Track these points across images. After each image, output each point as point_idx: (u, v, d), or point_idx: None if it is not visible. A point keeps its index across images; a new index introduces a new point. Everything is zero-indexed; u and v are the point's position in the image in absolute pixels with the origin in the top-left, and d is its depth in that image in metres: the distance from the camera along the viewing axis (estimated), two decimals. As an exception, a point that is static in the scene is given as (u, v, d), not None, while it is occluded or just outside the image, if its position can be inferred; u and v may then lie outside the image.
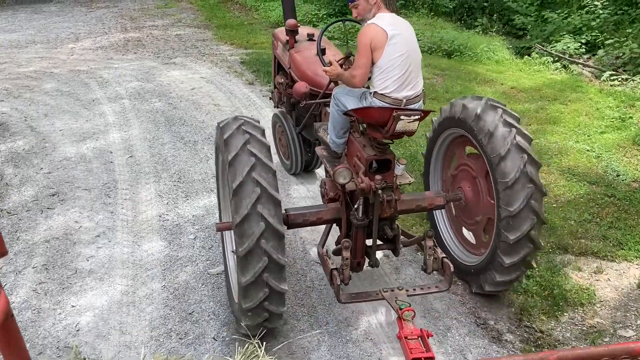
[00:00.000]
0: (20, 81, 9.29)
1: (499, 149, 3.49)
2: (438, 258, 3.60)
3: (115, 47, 12.43)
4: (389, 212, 3.55)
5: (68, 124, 7.33)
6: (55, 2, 20.12)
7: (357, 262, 3.74)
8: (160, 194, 5.58)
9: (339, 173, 3.42)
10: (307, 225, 3.83)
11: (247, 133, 3.23)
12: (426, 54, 11.38)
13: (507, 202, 3.49)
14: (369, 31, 3.39)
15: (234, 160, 3.11)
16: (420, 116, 3.35)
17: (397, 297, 3.37)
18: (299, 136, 5.32)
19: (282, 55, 5.40)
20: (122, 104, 8.07)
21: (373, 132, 3.54)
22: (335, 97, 3.82)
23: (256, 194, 3.03)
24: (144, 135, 6.96)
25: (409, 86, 3.46)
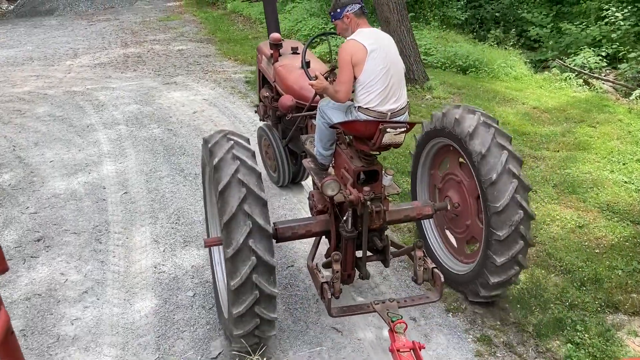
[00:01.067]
0: (12, 104, 8.78)
1: (480, 149, 3.55)
2: (428, 268, 3.57)
3: (114, 64, 11.94)
4: (378, 223, 3.54)
5: (59, 154, 6.80)
6: (56, 16, 19.72)
7: (348, 275, 3.73)
8: (157, 239, 5.02)
9: (327, 185, 3.38)
10: (296, 238, 3.82)
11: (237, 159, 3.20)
12: (439, 70, 10.83)
13: (493, 199, 3.52)
14: (349, 47, 3.43)
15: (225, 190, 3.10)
16: (406, 128, 3.38)
17: (388, 310, 3.36)
18: (285, 149, 5.34)
19: (267, 69, 5.46)
20: (119, 130, 7.54)
21: (360, 144, 3.55)
22: (321, 110, 3.86)
23: (248, 227, 3.04)
24: (141, 167, 6.42)
25: (393, 99, 3.49)
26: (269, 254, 3.09)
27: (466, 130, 3.63)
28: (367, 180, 3.61)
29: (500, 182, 3.51)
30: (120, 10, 20.21)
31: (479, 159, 3.55)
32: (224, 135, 3.36)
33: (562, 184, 5.96)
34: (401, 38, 8.74)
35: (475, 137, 3.59)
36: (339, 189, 3.44)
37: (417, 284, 3.67)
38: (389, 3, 8.61)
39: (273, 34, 5.14)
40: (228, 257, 3.04)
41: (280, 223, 3.73)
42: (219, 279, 3.91)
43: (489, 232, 3.61)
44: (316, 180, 4.02)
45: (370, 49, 3.39)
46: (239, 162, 3.15)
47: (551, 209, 5.48)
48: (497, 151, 3.54)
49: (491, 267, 3.68)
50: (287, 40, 5.56)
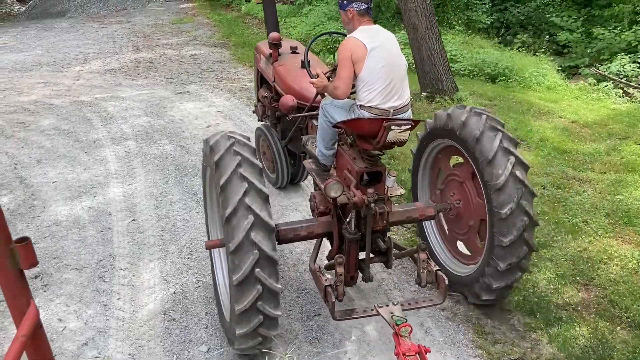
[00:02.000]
0: (17, 115, 8.31)
1: (486, 154, 3.50)
2: (432, 271, 3.56)
3: (124, 70, 11.46)
4: (381, 224, 3.50)
5: (63, 174, 6.30)
6: (67, 18, 19.33)
7: (351, 277, 3.67)
8: (167, 278, 4.49)
9: (331, 187, 3.33)
10: (299, 240, 3.77)
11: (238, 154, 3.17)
12: (467, 78, 10.23)
13: (499, 206, 3.48)
14: (348, 45, 3.44)
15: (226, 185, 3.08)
16: (410, 125, 3.34)
17: (392, 313, 3.32)
18: (284, 149, 5.26)
19: (266, 69, 5.38)
20: (127, 146, 7.03)
21: (363, 143, 3.51)
22: (324, 109, 3.83)
23: (250, 220, 3.00)
24: (150, 190, 5.89)
25: (395, 97, 3.49)
26: (271, 247, 3.04)
27: (472, 134, 3.58)
28: (370, 182, 3.57)
29: (507, 188, 3.46)
30: (132, 13, 19.77)
31: (485, 164, 3.51)
32: (224, 133, 3.35)
33: (615, 213, 5.36)
34: (429, 46, 8.15)
35: (482, 141, 3.55)
36: (342, 190, 3.38)
37: (421, 287, 3.70)
38: (417, 8, 8.03)
39: (272, 34, 5.09)
40: (230, 252, 2.99)
41: (283, 225, 3.69)
42: (220, 282, 3.87)
43: (493, 237, 3.57)
44: (318, 182, 3.94)
45: (370, 47, 3.39)
46: (240, 158, 3.13)
47: (607, 243, 4.88)
48: (504, 156, 3.50)
49: (494, 271, 3.66)
50: (286, 40, 5.47)
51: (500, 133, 3.58)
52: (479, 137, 3.56)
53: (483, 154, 3.53)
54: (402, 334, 3.14)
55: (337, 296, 3.41)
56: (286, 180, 5.50)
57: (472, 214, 3.93)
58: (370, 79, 3.42)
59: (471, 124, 3.63)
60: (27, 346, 1.37)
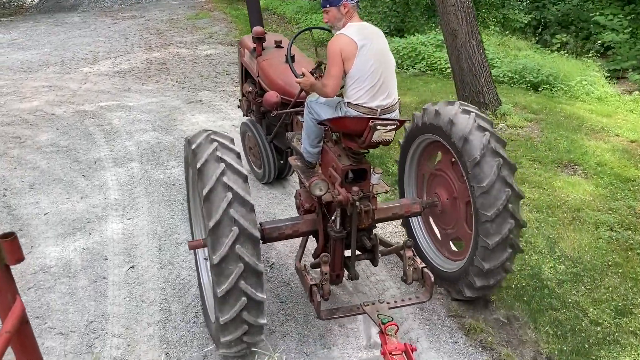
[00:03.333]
0: (13, 128, 7.58)
1: (474, 154, 3.45)
2: (418, 268, 3.55)
3: (135, 72, 10.71)
4: (367, 222, 3.47)
5: (57, 204, 5.55)
6: (79, 12, 18.65)
7: (336, 275, 3.65)
8: (168, 350, 3.71)
9: (315, 185, 3.32)
10: (283, 238, 3.72)
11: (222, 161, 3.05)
12: (506, 86, 9.29)
13: (484, 207, 3.44)
14: (339, 41, 3.39)
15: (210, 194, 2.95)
16: (396, 125, 3.32)
17: (378, 311, 3.31)
18: (270, 145, 5.20)
19: (250, 63, 5.28)
20: (131, 169, 6.26)
21: (348, 142, 3.48)
22: (309, 106, 3.78)
23: (234, 233, 2.90)
24: (154, 226, 5.12)
25: (382, 95, 3.45)
26: (256, 259, 2.97)
27: (460, 133, 3.52)
28: (355, 179, 3.54)
29: (493, 190, 3.42)
30: (146, 6, 19.02)
31: (472, 164, 3.46)
32: (207, 135, 3.22)
33: None
34: (470, 54, 7.25)
35: (470, 141, 3.49)
36: (327, 188, 3.36)
37: (407, 284, 3.68)
38: (458, 12, 7.12)
39: (256, 28, 5.01)
40: (214, 264, 2.91)
41: (267, 223, 3.64)
42: (205, 281, 3.83)
43: (478, 238, 3.53)
44: (303, 179, 3.86)
45: (360, 44, 3.33)
46: (224, 165, 3.01)
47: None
48: (491, 158, 3.45)
49: (478, 271, 3.64)
50: (271, 34, 5.39)
51: (488, 133, 3.51)
52: (466, 137, 3.50)
53: (470, 154, 3.47)
54: (389, 332, 3.11)
55: (323, 295, 3.38)
56: (273, 176, 5.47)
57: (459, 205, 3.87)
58: (360, 76, 3.36)
59: (459, 122, 3.56)
60: (13, 342, 1.35)
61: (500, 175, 3.43)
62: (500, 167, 3.44)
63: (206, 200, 2.93)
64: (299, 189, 4.00)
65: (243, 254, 2.92)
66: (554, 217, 5.28)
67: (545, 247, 4.79)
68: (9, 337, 1.33)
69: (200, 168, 3.01)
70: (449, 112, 3.64)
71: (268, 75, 4.81)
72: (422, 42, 10.70)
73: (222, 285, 2.92)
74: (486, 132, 3.52)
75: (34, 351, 1.49)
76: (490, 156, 3.45)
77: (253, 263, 2.95)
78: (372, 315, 3.31)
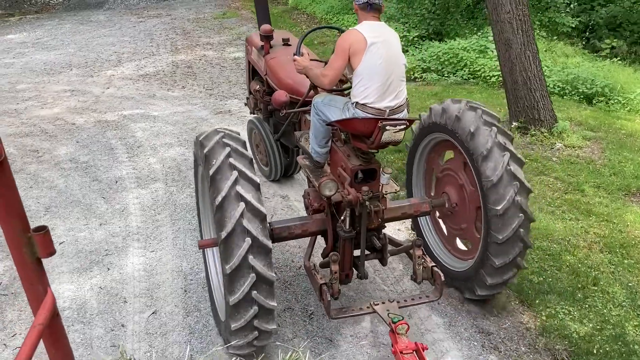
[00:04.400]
0: (31, 140, 7.14)
1: (481, 149, 3.45)
2: (427, 267, 3.55)
3: (160, 76, 10.25)
4: (376, 222, 3.47)
5: (73, 231, 5.07)
6: (105, 10, 18.32)
7: (346, 275, 3.64)
8: None
9: (325, 185, 3.32)
10: (293, 238, 3.71)
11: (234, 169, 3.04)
12: (557, 98, 8.58)
13: (494, 202, 3.43)
14: (349, 36, 3.36)
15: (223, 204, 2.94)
16: (405, 125, 3.30)
17: (388, 310, 3.31)
18: (277, 142, 5.18)
19: (258, 61, 5.23)
20: (155, 190, 5.75)
21: (357, 142, 3.46)
22: (316, 107, 3.74)
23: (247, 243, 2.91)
24: (179, 261, 4.60)
25: (391, 96, 3.40)
26: (268, 269, 2.97)
27: (467, 129, 3.53)
28: (365, 179, 3.53)
29: (501, 184, 3.42)
30: (173, 4, 18.60)
31: (480, 159, 3.46)
32: (214, 129, 3.28)
33: None
34: (525, 66, 6.59)
35: (477, 136, 3.49)
36: (336, 189, 3.36)
37: (417, 283, 3.65)
38: (513, 20, 6.47)
39: (264, 26, 4.94)
40: (222, 240, 2.92)
41: (276, 223, 3.63)
42: (214, 281, 3.84)
43: (489, 234, 3.52)
44: (312, 179, 3.84)
45: (370, 41, 3.29)
46: (230, 148, 3.03)
47: None
48: (499, 152, 3.45)
49: (489, 268, 3.62)
50: (278, 31, 5.32)
51: (495, 128, 3.51)
52: (473, 132, 3.49)
53: (477, 150, 3.47)
54: (399, 331, 3.09)
55: (333, 294, 3.37)
56: (279, 174, 5.48)
57: (467, 205, 3.85)
58: (368, 74, 3.31)
59: (465, 118, 3.57)
60: (45, 335, 1.34)
61: (508, 169, 3.42)
62: (508, 161, 3.43)
63: (213, 180, 2.95)
64: (308, 189, 3.97)
65: (255, 264, 2.92)
66: (630, 259, 4.64)
67: (626, 299, 4.15)
68: (41, 330, 1.32)
69: (207, 153, 3.04)
70: (455, 110, 3.65)
71: (276, 73, 4.75)
72: (464, 47, 10.03)
73: (235, 295, 2.94)
74: (493, 127, 3.52)
75: (64, 344, 1.47)
76: (497, 150, 3.45)
77: (265, 273, 2.96)
78: (382, 314, 3.30)
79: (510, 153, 3.47)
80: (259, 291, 2.99)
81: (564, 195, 5.62)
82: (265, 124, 5.21)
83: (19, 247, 1.35)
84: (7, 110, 8.56)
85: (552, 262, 4.53)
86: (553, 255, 4.62)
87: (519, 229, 3.47)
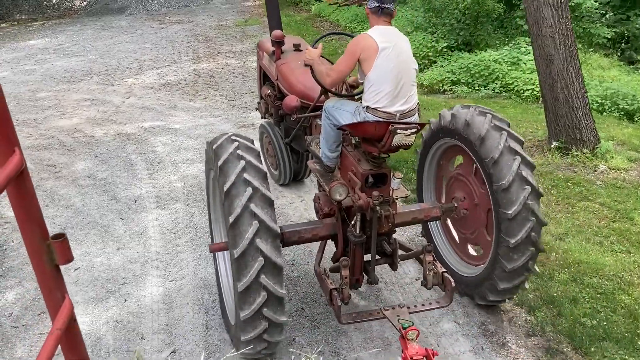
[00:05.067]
0: (49, 153, 6.92)
1: (491, 153, 3.46)
2: (438, 273, 3.53)
3: (182, 85, 10.02)
4: (386, 227, 3.47)
5: (89, 256, 4.80)
6: (127, 15, 18.23)
7: (356, 279, 3.63)
8: None
9: (336, 190, 3.31)
10: (303, 242, 3.72)
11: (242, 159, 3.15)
12: (595, 114, 8.15)
13: (505, 205, 3.43)
14: (360, 41, 3.37)
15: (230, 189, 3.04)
16: (416, 129, 3.33)
17: (399, 316, 3.30)
18: (287, 147, 5.22)
19: (269, 67, 5.26)
20: (175, 211, 5.47)
21: (368, 146, 3.47)
22: (327, 111, 3.74)
23: (255, 226, 2.95)
24: (200, 294, 4.29)
25: (402, 100, 3.39)
26: (276, 253, 3.00)
27: (477, 134, 3.54)
28: (375, 184, 3.53)
29: (512, 188, 3.40)
30: (194, 10, 18.45)
31: (491, 164, 3.46)
32: (228, 136, 3.33)
33: None
34: (567, 83, 6.20)
35: (487, 141, 3.50)
36: (347, 193, 3.35)
37: (427, 289, 3.61)
38: (555, 34, 6.09)
39: (275, 31, 4.97)
40: (235, 258, 2.94)
41: (287, 227, 3.64)
42: (225, 286, 3.86)
43: (500, 237, 3.50)
44: (322, 183, 3.85)
45: (381, 46, 3.29)
46: (245, 162, 3.09)
47: None
48: (509, 156, 3.44)
49: (500, 272, 3.58)
50: (289, 37, 5.36)
51: (505, 132, 3.52)
52: (483, 137, 3.51)
53: (488, 154, 3.47)
54: (409, 337, 3.10)
55: (343, 299, 3.38)
56: (289, 178, 5.51)
57: (478, 210, 3.84)
58: (379, 79, 3.31)
59: (475, 123, 3.58)
60: (63, 340, 1.37)
61: (519, 173, 3.41)
62: (519, 166, 3.42)
63: (227, 195, 3.00)
64: (318, 193, 3.97)
65: (263, 247, 2.95)
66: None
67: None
68: (59, 335, 1.32)
69: (222, 166, 3.10)
70: (465, 115, 3.66)
71: (287, 78, 4.78)
72: (495, 59, 9.63)
73: (243, 280, 2.96)
74: (503, 131, 3.51)
75: (81, 350, 1.49)
76: (508, 155, 3.44)
77: (273, 257, 2.98)
78: (393, 319, 3.29)
79: (521, 157, 3.46)
80: (270, 308, 3.02)
81: (611, 224, 5.22)
82: (276, 128, 5.24)
83: (38, 255, 1.35)
84: (27, 120, 8.39)
85: (606, 303, 4.15)
86: (606, 295, 4.23)
87: (530, 232, 3.45)
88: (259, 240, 2.95)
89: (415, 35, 11.10)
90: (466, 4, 10.49)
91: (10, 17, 19.29)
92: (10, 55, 13.24)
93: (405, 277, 4.45)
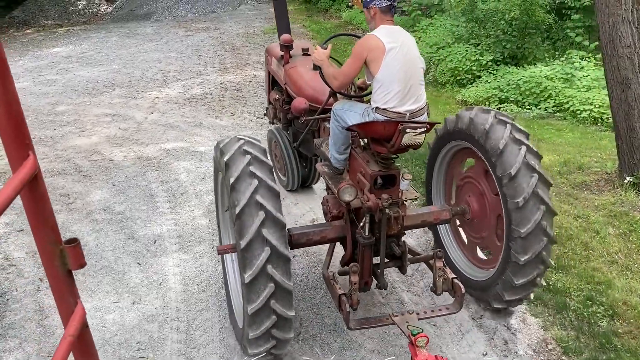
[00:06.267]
0: (64, 180, 6.35)
1: (497, 145, 3.44)
2: (448, 279, 3.49)
3: (207, 100, 9.44)
4: (396, 229, 3.45)
5: (101, 311, 4.19)
6: (152, 21, 17.80)
7: (365, 282, 3.61)
8: None
9: (344, 191, 3.31)
10: (311, 244, 3.71)
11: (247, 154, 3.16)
12: None
13: (518, 224, 3.40)
14: (366, 42, 3.36)
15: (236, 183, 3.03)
16: (426, 129, 3.30)
17: (408, 322, 3.28)
18: (295, 152, 5.22)
19: (277, 71, 5.25)
20: (200, 256, 4.83)
21: (377, 146, 3.47)
22: (336, 114, 3.74)
23: (261, 216, 2.95)
24: (227, 367, 3.65)
25: (411, 100, 3.40)
26: (283, 244, 2.99)
27: (481, 128, 3.54)
28: (384, 185, 3.50)
29: (520, 176, 3.38)
30: (221, 17, 17.93)
31: (496, 155, 3.44)
32: (234, 136, 3.35)
33: None
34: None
35: (491, 134, 3.49)
36: (355, 194, 3.35)
37: (437, 295, 3.59)
38: (634, 56, 5.32)
39: (284, 35, 4.98)
40: (241, 249, 2.94)
41: (295, 229, 3.62)
42: (233, 289, 3.82)
43: (510, 229, 3.46)
44: (331, 185, 3.83)
45: (388, 47, 3.27)
46: (250, 156, 3.09)
47: None
48: (527, 173, 3.40)
49: (514, 267, 3.52)
50: (298, 41, 5.34)
51: (509, 125, 3.49)
52: (487, 131, 3.48)
53: (493, 147, 3.44)
54: (419, 344, 3.04)
55: (352, 304, 3.34)
56: (297, 184, 5.48)
57: (488, 213, 3.79)
58: (388, 80, 3.28)
59: (479, 119, 3.56)
60: (75, 346, 1.36)
61: (535, 192, 3.36)
62: (525, 154, 3.39)
63: (233, 189, 2.97)
64: (327, 195, 3.96)
65: (274, 274, 2.93)
66: None
67: None
68: (72, 341, 1.31)
69: (228, 161, 3.08)
70: (484, 122, 3.56)
71: (296, 82, 4.75)
72: (547, 75, 8.84)
73: (253, 304, 2.95)
74: (522, 145, 3.45)
75: (93, 355, 1.46)
76: (525, 171, 3.39)
77: (284, 282, 2.97)
78: (402, 326, 3.26)
79: (527, 147, 3.44)
80: (277, 300, 3.00)
81: None
82: (284, 133, 5.22)
83: (51, 259, 1.33)
84: (44, 137, 7.88)
85: None
86: None
87: (541, 221, 3.38)
88: (265, 230, 2.91)
89: (457, 47, 10.34)
90: (514, 15, 9.71)
91: (36, 22, 19.03)
92: (33, 64, 12.84)
93: (415, 283, 4.42)
